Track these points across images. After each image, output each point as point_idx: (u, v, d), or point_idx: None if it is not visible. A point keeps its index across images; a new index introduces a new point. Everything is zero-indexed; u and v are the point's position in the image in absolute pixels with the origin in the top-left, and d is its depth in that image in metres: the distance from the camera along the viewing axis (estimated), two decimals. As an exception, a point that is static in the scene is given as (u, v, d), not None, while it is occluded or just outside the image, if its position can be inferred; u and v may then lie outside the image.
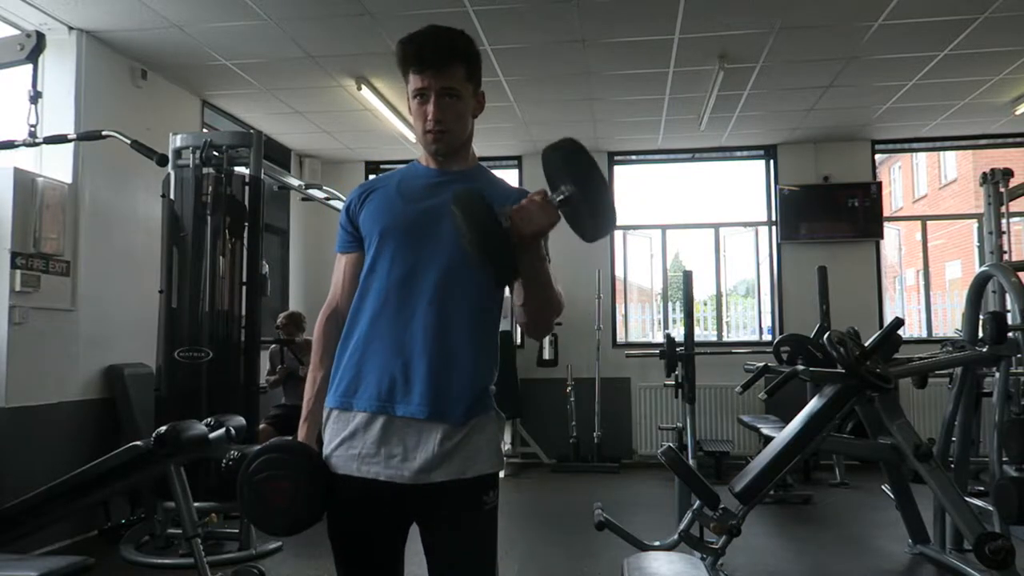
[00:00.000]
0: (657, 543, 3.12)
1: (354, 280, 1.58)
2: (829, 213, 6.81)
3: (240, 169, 4.26)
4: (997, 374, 3.54)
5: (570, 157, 1.34)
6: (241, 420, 3.49)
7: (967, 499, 3.33)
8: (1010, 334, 3.41)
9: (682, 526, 3.06)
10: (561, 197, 1.34)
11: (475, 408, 1.46)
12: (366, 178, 7.31)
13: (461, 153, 1.58)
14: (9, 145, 3.60)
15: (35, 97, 3.80)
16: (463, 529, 1.45)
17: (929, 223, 7.47)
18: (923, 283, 7.45)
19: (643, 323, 8.26)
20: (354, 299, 1.54)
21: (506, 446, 6.29)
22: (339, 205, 5.86)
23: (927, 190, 17.65)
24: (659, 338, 6.82)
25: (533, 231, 1.34)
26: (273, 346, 5.43)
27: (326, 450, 1.50)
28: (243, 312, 4.18)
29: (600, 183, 1.33)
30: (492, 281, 1.48)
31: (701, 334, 7.78)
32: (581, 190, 1.33)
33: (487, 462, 1.46)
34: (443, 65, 1.48)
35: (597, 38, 4.55)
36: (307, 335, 5.46)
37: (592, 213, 1.36)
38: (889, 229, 7.73)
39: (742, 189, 11.42)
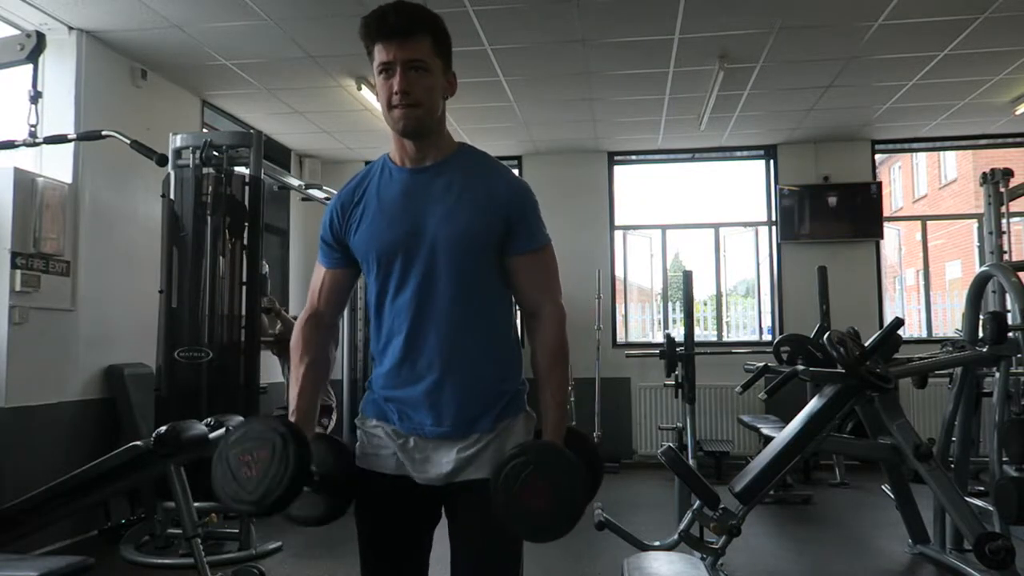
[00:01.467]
0: (657, 543, 3.12)
1: (332, 292, 1.58)
2: (829, 213, 6.81)
3: (240, 169, 4.26)
4: (997, 374, 3.54)
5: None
6: (241, 420, 3.49)
7: (967, 499, 3.33)
8: (1010, 334, 3.41)
9: (682, 526, 3.06)
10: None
11: (505, 412, 1.47)
12: (366, 178, 7.31)
13: (432, 138, 1.49)
14: (9, 145, 3.60)
15: (35, 97, 3.79)
16: (490, 524, 1.44)
17: (929, 223, 7.48)
18: (923, 283, 7.45)
19: (643, 323, 8.25)
20: (372, 317, 1.54)
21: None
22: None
23: (927, 190, 17.64)
24: (659, 338, 6.82)
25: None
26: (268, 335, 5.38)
27: (360, 448, 1.53)
28: (243, 312, 4.18)
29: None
30: (500, 291, 1.51)
31: (701, 334, 7.77)
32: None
33: None
34: (408, 34, 1.41)
35: (597, 38, 4.55)
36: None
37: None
38: (889, 229, 7.72)
39: (742, 189, 11.41)
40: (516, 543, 1.49)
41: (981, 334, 3.50)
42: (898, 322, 3.54)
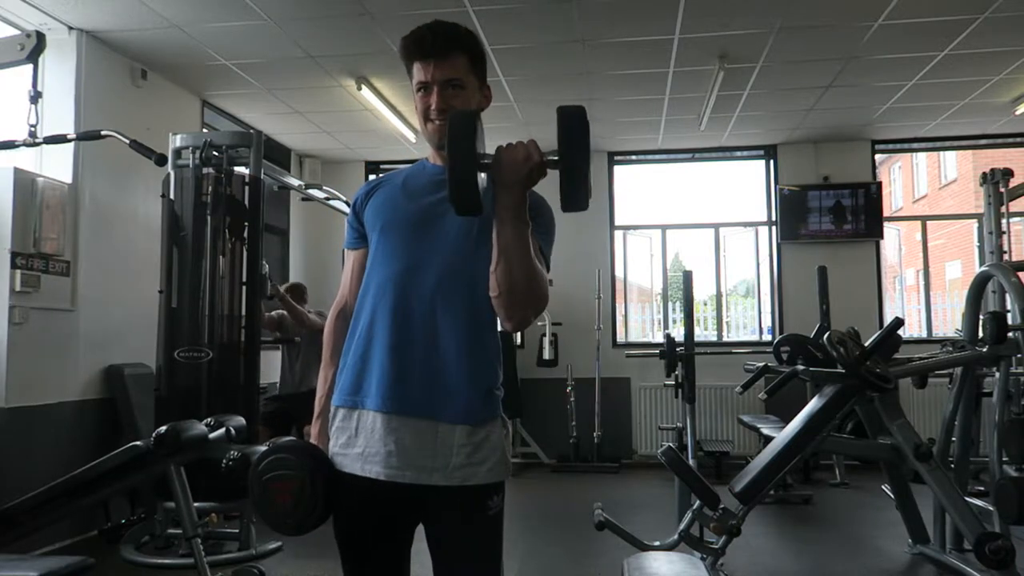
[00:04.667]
0: (657, 543, 3.12)
1: (361, 276, 1.58)
2: (829, 213, 6.81)
3: (240, 169, 4.26)
4: (997, 374, 3.54)
5: (576, 126, 1.30)
6: (241, 420, 3.49)
7: (967, 499, 3.33)
8: (1010, 334, 3.41)
9: (682, 526, 3.06)
10: (554, 158, 1.30)
11: (481, 411, 1.44)
12: (366, 178, 7.32)
13: None
14: (9, 145, 3.60)
15: (35, 97, 3.80)
16: (467, 532, 1.44)
17: (929, 223, 7.48)
18: (923, 283, 7.45)
19: (643, 323, 8.26)
20: (359, 294, 1.54)
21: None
22: (339, 205, 5.87)
23: (927, 190, 17.65)
24: (659, 338, 6.82)
25: (515, 171, 1.30)
26: (271, 313, 5.26)
27: (331, 448, 1.50)
28: (243, 312, 4.18)
29: (587, 159, 1.30)
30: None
31: (701, 334, 7.78)
32: (574, 158, 1.29)
33: (492, 471, 1.44)
34: (444, 54, 1.48)
35: (597, 38, 4.55)
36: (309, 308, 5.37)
37: (576, 185, 1.30)
38: (889, 229, 7.73)
39: (742, 189, 11.48)
40: (497, 552, 1.47)
41: (981, 334, 3.50)
42: (898, 322, 3.53)
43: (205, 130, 5.43)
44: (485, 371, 1.48)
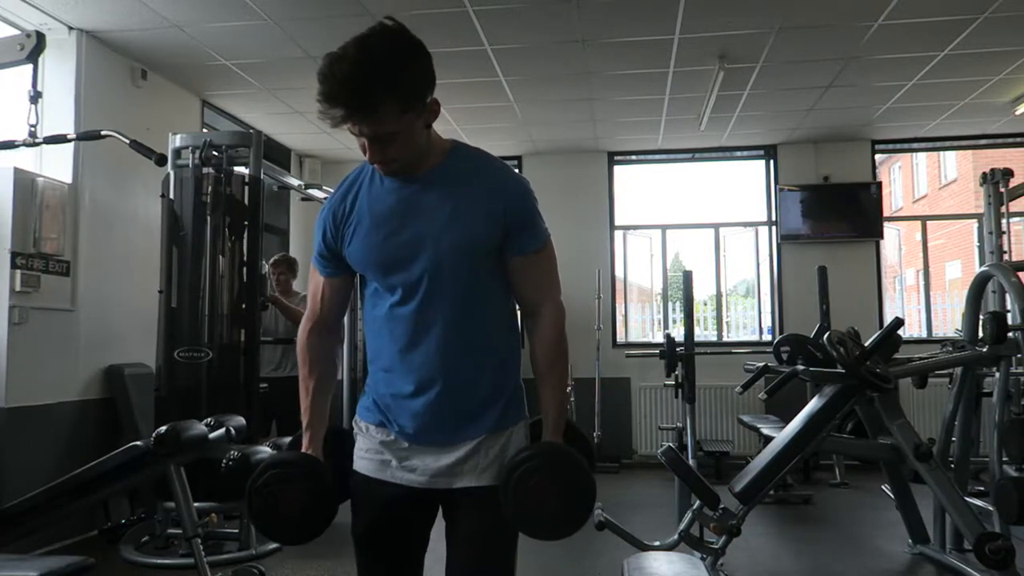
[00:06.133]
0: (657, 543, 3.12)
1: (333, 299, 1.57)
2: (829, 213, 6.81)
3: (240, 169, 4.26)
4: (997, 374, 3.54)
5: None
6: (241, 420, 3.49)
7: (967, 499, 3.33)
8: (1010, 334, 3.40)
9: (682, 526, 3.06)
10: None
11: (504, 421, 1.47)
12: (366, 178, 7.30)
13: (421, 163, 1.44)
14: (9, 145, 3.59)
15: (35, 97, 3.79)
16: (488, 525, 1.45)
17: (929, 223, 7.48)
18: (923, 283, 7.45)
19: (643, 323, 8.25)
20: (367, 320, 1.53)
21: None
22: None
23: (927, 190, 17.66)
24: (659, 338, 6.82)
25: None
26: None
27: (357, 452, 1.52)
28: (243, 312, 4.18)
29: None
30: (500, 294, 1.50)
31: (701, 334, 7.77)
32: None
33: None
34: (367, 111, 1.31)
35: (597, 38, 4.55)
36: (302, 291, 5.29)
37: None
38: (889, 229, 7.73)
39: (742, 189, 11.48)
40: (512, 550, 1.49)
41: (981, 334, 3.50)
42: (898, 322, 3.53)
43: (205, 130, 5.43)
44: (507, 385, 1.50)
